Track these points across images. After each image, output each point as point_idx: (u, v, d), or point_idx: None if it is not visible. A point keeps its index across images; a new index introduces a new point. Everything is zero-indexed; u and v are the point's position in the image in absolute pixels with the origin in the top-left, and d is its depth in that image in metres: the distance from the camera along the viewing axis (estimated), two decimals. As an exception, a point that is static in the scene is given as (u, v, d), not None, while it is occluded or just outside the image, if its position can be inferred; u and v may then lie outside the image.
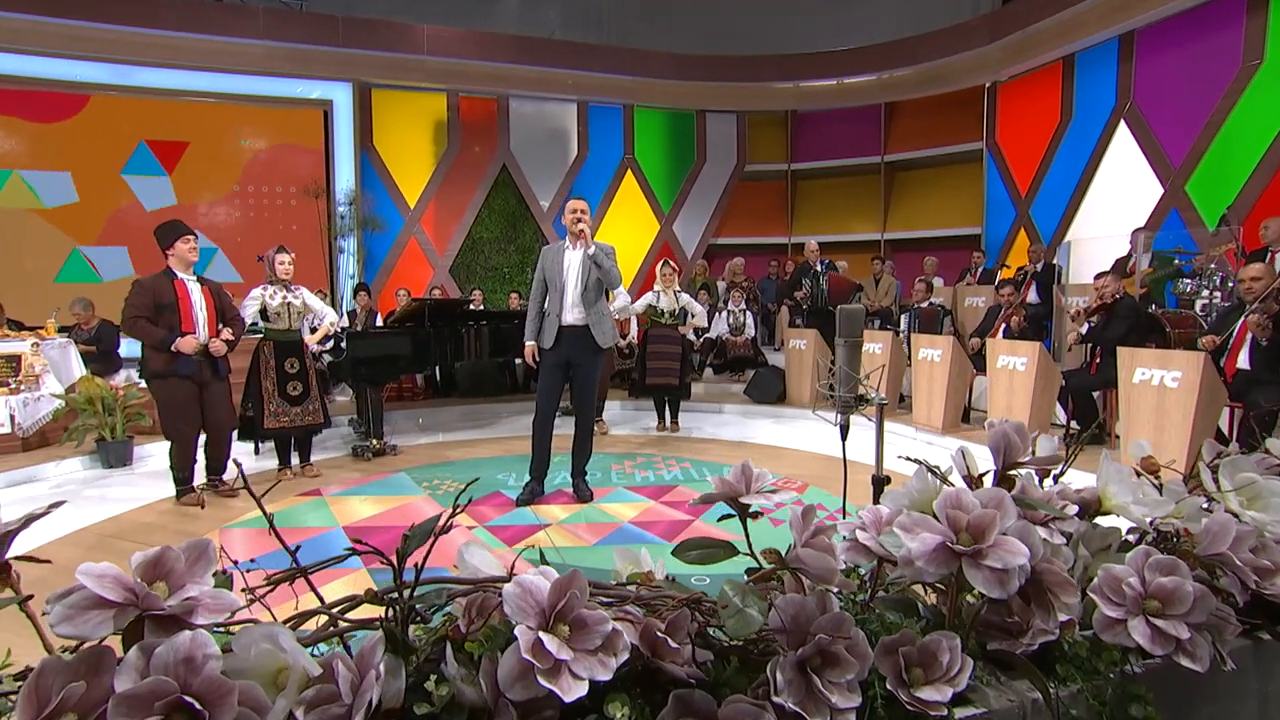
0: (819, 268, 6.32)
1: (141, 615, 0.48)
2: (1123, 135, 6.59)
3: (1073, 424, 4.03)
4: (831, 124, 9.25)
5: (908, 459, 0.81)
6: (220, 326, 3.48)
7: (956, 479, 0.77)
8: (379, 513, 3.18)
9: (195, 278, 3.41)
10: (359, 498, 3.45)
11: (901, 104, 8.80)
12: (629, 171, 9.04)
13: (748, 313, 7.23)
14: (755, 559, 0.77)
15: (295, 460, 3.97)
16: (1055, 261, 5.91)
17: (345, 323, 6.30)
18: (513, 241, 8.53)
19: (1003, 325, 4.78)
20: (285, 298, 3.80)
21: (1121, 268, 5.14)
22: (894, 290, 7.16)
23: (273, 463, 4.15)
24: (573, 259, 3.30)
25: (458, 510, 0.63)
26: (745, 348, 6.96)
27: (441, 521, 0.62)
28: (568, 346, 3.30)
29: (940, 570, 0.62)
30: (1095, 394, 4.07)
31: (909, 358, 5.36)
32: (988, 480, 0.77)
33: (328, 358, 4.77)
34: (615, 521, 3.04)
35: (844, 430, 1.36)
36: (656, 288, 5.11)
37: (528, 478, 3.47)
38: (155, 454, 4.39)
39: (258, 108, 7.10)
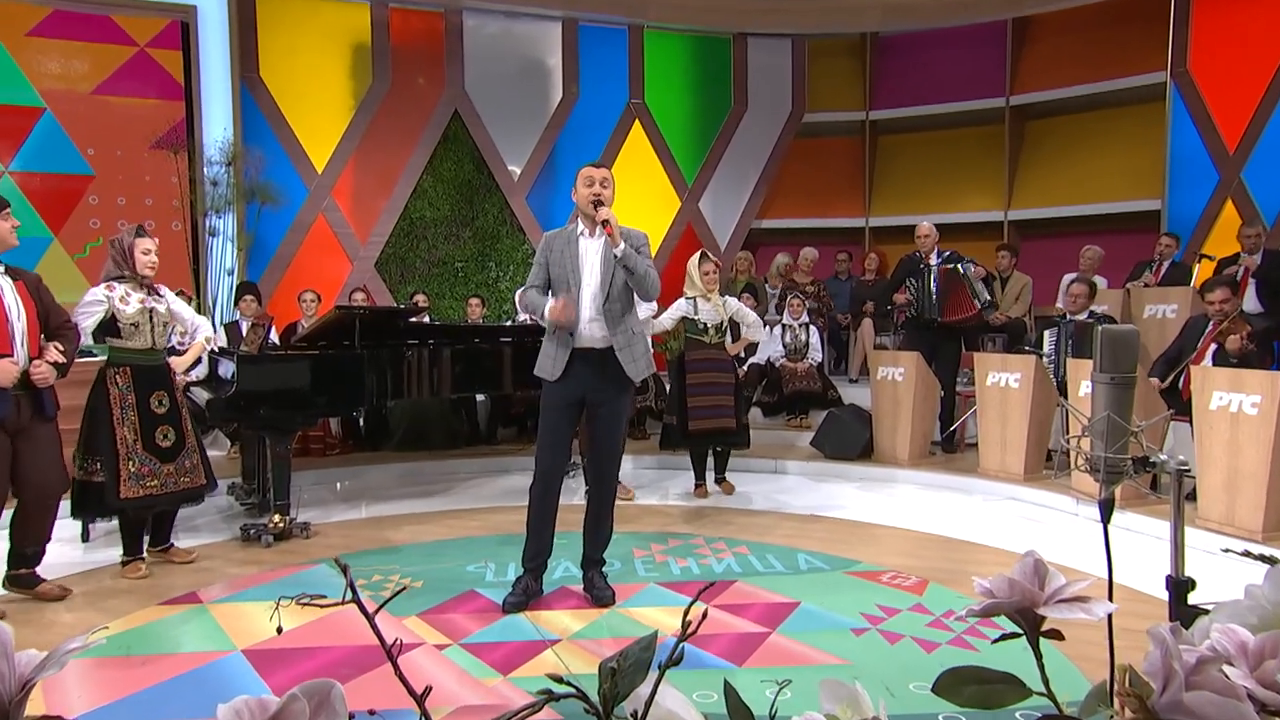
0: (934, 262, 6.32)
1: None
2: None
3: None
4: (931, 52, 9.40)
5: (1244, 554, 0.77)
6: (44, 342, 3.42)
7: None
8: (297, 628, 3.12)
9: (2, 269, 3.37)
10: (261, 604, 3.41)
11: (1039, 20, 8.92)
12: (636, 123, 9.12)
13: (811, 328, 7.27)
14: (1052, 701, 0.74)
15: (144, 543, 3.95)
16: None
17: (222, 339, 6.28)
18: (468, 224, 8.55)
19: (1212, 347, 4.81)
20: (146, 303, 3.78)
21: None
22: (1027, 294, 7.21)
23: (104, 553, 4.08)
24: (590, 251, 3.32)
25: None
26: (809, 379, 7.00)
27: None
28: (583, 378, 3.31)
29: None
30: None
31: (1061, 392, 5.38)
32: None
33: (200, 392, 4.73)
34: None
35: (1107, 508, 1.32)
36: (690, 293, 5.15)
37: (517, 570, 3.46)
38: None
39: (74, 10, 7.11)
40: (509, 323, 7.51)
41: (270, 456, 4.45)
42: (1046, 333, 5.84)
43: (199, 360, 4.12)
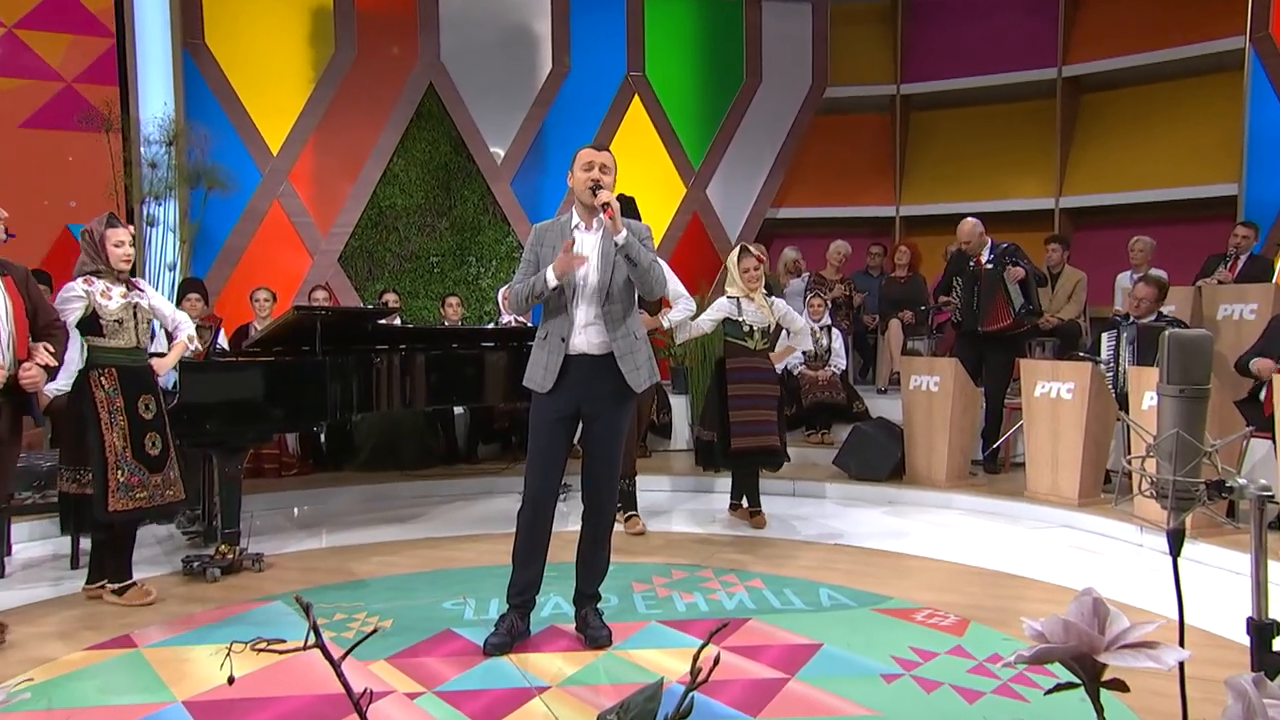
0: (986, 258, 6.27)
1: None
2: None
3: None
4: (971, 17, 9.41)
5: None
6: (32, 342, 3.50)
7: None
8: (248, 674, 3.10)
9: None
10: (205, 649, 3.38)
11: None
12: (636, 99, 9.15)
13: (834, 331, 7.28)
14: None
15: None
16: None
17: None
18: (445, 213, 8.55)
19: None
20: (129, 298, 3.88)
21: None
22: (1081, 292, 7.21)
23: (73, 581, 4.06)
24: (587, 246, 3.33)
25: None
26: (832, 389, 7.01)
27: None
28: (579, 388, 3.31)
29: None
30: None
31: (1122, 405, 5.39)
32: None
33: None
34: (652, 680, 2.99)
35: (1176, 540, 1.32)
36: (732, 292, 5.16)
37: (500, 607, 3.46)
38: None
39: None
40: (491, 325, 7.52)
41: (218, 478, 4.44)
42: (1104, 336, 5.83)
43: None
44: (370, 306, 7.20)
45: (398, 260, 8.40)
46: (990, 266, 6.18)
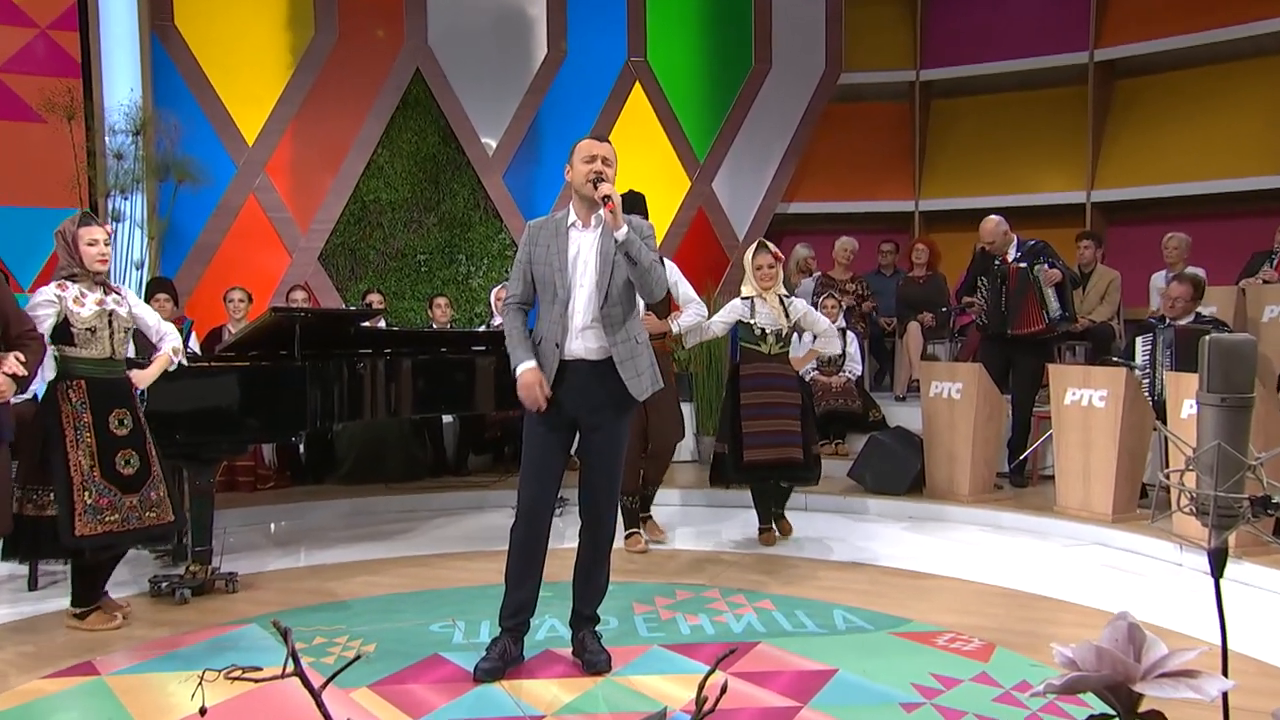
0: (1012, 256, 6.26)
1: None
2: None
3: None
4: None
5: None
6: (2, 351, 3.53)
7: None
8: (223, 702, 3.10)
9: None
10: (174, 676, 3.37)
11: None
12: (637, 86, 9.14)
13: (850, 335, 7.28)
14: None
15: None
16: None
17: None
18: (433, 208, 8.55)
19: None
20: (104, 304, 3.88)
21: None
22: (1115, 292, 7.21)
23: (48, 603, 4.11)
24: (585, 246, 3.34)
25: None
26: (846, 396, 7.01)
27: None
28: (575, 396, 3.34)
29: None
30: None
31: (1159, 414, 5.38)
32: None
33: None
34: (654, 709, 3.01)
35: (1219, 559, 1.32)
36: (746, 291, 5.17)
37: (492, 630, 3.46)
38: None
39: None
40: (483, 328, 7.52)
41: (189, 492, 4.42)
42: (1139, 339, 5.83)
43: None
44: (353, 308, 7.20)
45: (382, 258, 8.40)
46: (1021, 265, 6.17)
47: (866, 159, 9.78)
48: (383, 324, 6.97)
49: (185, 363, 4.18)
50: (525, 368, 3.31)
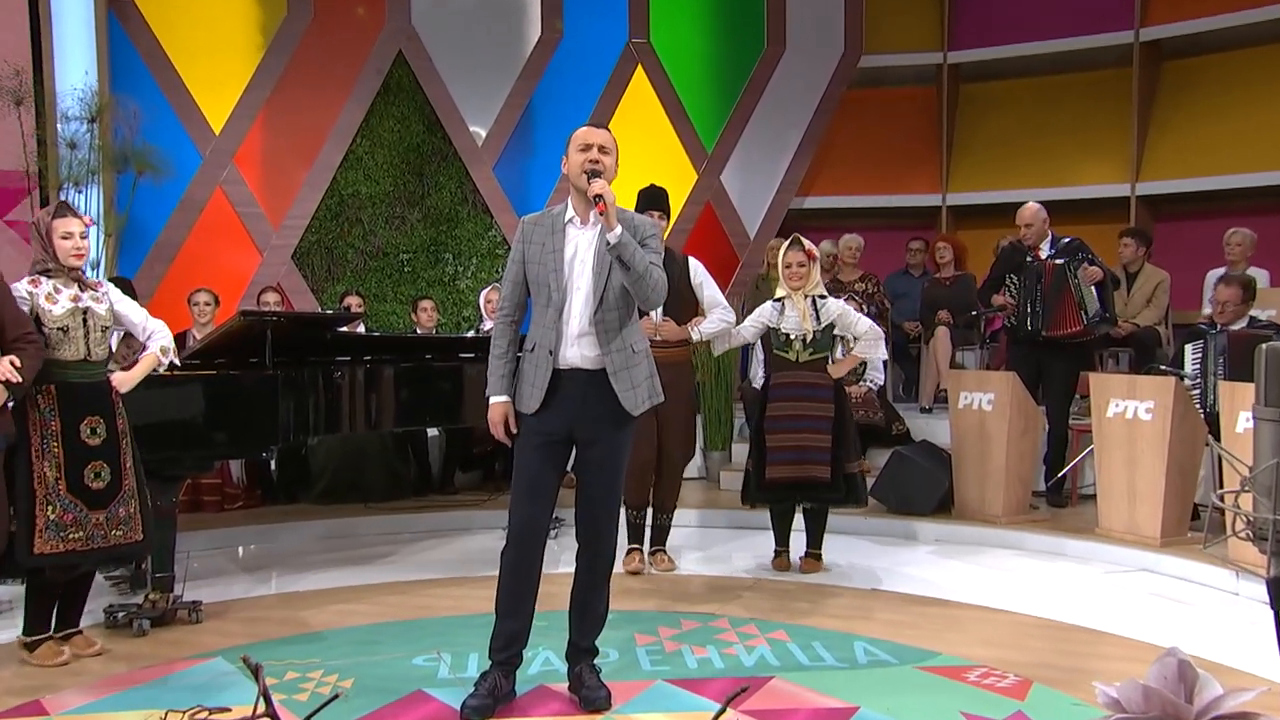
0: (1045, 254, 6.27)
1: None
2: None
3: None
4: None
5: None
6: None
7: None
8: (182, 742, 3.08)
9: None
10: (132, 716, 3.36)
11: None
12: (639, 71, 9.16)
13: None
14: None
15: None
16: None
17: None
18: (417, 203, 8.56)
19: None
20: (80, 301, 3.88)
21: None
22: (1163, 294, 7.20)
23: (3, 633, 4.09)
24: (583, 245, 3.34)
25: None
26: (867, 407, 7.01)
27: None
28: (571, 408, 3.33)
29: None
30: None
31: (1211, 428, 5.37)
32: None
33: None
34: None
35: (1278, 589, 1.32)
36: (780, 293, 5.17)
37: (481, 663, 3.44)
38: None
39: None
40: (471, 333, 7.51)
41: (152, 514, 4.34)
42: (1189, 346, 5.82)
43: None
44: (330, 311, 7.20)
45: (362, 257, 8.41)
46: (1059, 262, 6.17)
47: (889, 149, 9.80)
48: (362, 329, 6.95)
49: (177, 363, 4.18)
50: (495, 401, 3.37)
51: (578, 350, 3.30)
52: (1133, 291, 7.13)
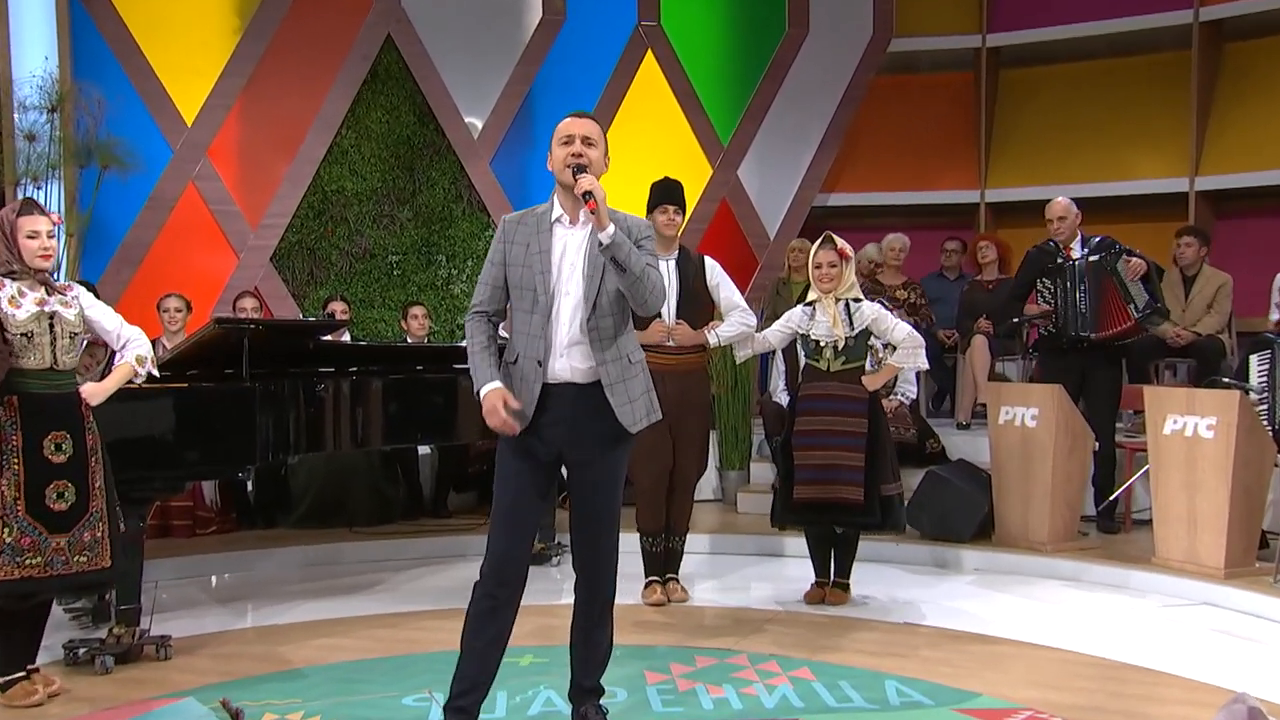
0: (1076, 254, 6.27)
1: None
2: None
3: None
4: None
5: None
6: None
7: None
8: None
9: None
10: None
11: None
12: (649, 56, 9.19)
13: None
14: None
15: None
16: None
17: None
18: (407, 201, 8.58)
19: None
20: (46, 305, 3.88)
21: None
22: (1226, 299, 7.19)
23: None
24: (571, 247, 3.32)
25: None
26: (899, 423, 6.98)
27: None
28: (559, 426, 3.29)
29: None
30: None
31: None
32: None
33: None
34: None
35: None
36: (811, 295, 5.16)
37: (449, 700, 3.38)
38: None
39: None
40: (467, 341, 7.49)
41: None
42: (1254, 357, 5.79)
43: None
44: (312, 319, 7.20)
45: (347, 259, 8.44)
46: (1094, 258, 6.16)
47: (922, 141, 9.79)
48: (347, 337, 6.97)
49: (156, 373, 4.17)
50: (487, 389, 3.27)
51: (568, 361, 3.26)
52: (1191, 296, 7.11)
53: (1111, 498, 6.34)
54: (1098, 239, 6.30)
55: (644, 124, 9.02)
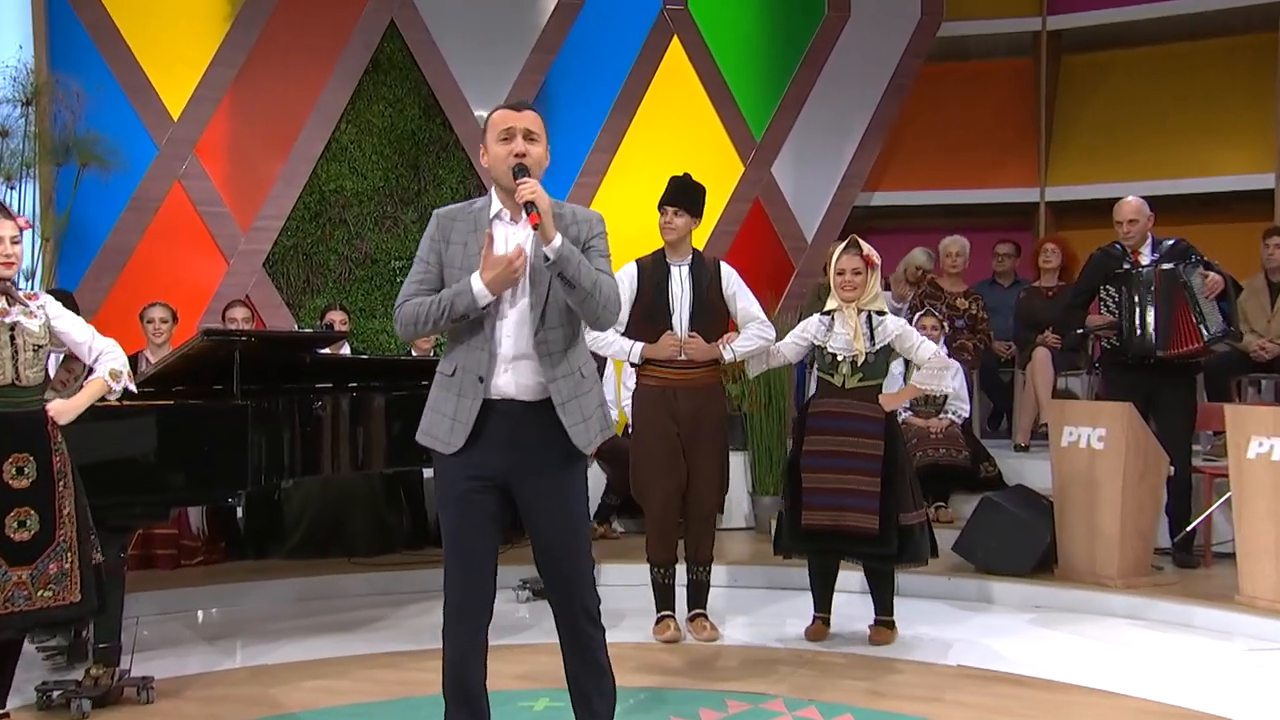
0: (1146, 260, 6.23)
1: None
2: None
3: None
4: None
5: None
6: None
7: None
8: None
9: None
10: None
11: None
12: (675, 42, 9.21)
13: (955, 364, 7.19)
14: None
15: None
16: None
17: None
18: (412, 202, 8.63)
19: None
20: (7, 316, 3.89)
21: None
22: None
23: None
24: (514, 245, 3.21)
25: None
26: (951, 444, 6.99)
27: None
28: (502, 449, 3.23)
29: None
30: None
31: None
32: None
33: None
34: None
35: None
36: (830, 304, 5.16)
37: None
38: None
39: None
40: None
41: (98, 574, 4.30)
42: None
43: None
44: (308, 330, 7.22)
45: (347, 265, 8.47)
46: (1166, 267, 6.11)
47: (975, 134, 9.80)
48: (347, 350, 6.98)
49: (133, 389, 4.16)
50: (473, 280, 3.09)
51: (513, 377, 3.19)
52: (1277, 307, 7.04)
53: (1189, 528, 6.28)
54: (1171, 242, 6.24)
55: (669, 117, 9.04)
